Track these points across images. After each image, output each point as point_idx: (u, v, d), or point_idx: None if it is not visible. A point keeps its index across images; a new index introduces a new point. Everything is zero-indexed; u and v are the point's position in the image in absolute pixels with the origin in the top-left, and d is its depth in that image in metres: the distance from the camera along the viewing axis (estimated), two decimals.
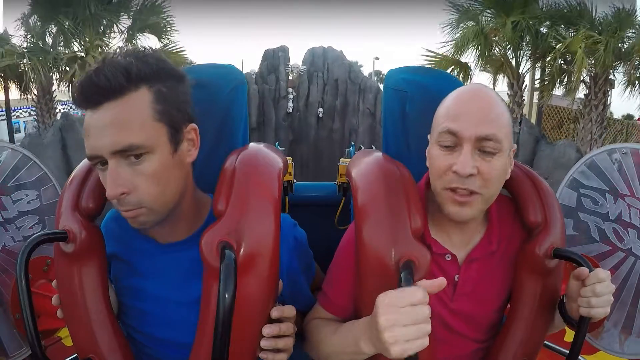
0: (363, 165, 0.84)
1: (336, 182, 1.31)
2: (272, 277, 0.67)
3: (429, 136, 0.78)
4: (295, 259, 0.81)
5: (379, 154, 0.92)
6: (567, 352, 0.74)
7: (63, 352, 1.11)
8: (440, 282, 0.57)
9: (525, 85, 6.40)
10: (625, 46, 5.85)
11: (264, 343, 0.65)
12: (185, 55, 7.43)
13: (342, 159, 1.24)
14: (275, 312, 0.67)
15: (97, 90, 0.61)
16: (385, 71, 1.07)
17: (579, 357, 0.74)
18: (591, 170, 1.19)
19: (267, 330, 0.65)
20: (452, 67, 6.79)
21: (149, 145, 0.63)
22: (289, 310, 0.69)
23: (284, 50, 8.80)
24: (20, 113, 10.19)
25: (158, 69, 0.66)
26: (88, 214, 0.74)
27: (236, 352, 0.63)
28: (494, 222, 0.79)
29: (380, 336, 0.56)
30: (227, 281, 0.58)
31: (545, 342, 0.87)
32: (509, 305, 0.83)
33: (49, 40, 6.90)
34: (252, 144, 0.87)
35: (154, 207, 0.66)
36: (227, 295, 0.58)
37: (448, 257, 0.79)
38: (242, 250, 0.64)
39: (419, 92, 0.92)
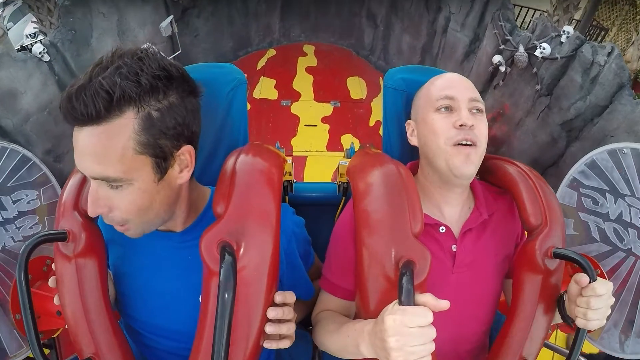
0: (363, 165, 0.84)
1: (336, 182, 1.31)
2: (271, 277, 0.67)
3: (408, 122, 0.89)
4: (293, 243, 0.82)
5: (379, 154, 0.92)
6: (567, 352, 0.74)
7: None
8: (445, 304, 0.57)
9: None
10: None
11: (268, 329, 0.65)
12: None
13: (341, 159, 1.24)
14: (278, 297, 0.67)
15: (76, 115, 0.56)
16: None
17: (579, 358, 0.74)
18: (591, 169, 1.19)
19: (272, 313, 0.65)
20: None
21: (127, 178, 0.60)
22: (290, 296, 0.69)
23: None
24: None
25: (153, 87, 0.59)
26: (88, 214, 0.74)
27: (237, 352, 0.63)
28: (480, 198, 0.86)
29: (388, 354, 0.57)
30: (227, 281, 0.58)
31: (545, 342, 0.87)
32: (508, 306, 0.84)
33: None
34: (252, 144, 0.87)
35: (140, 223, 0.66)
36: (227, 295, 0.58)
37: (442, 229, 0.82)
38: (241, 250, 0.64)
39: None
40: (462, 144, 0.77)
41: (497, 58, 3.56)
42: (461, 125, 0.77)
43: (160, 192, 0.65)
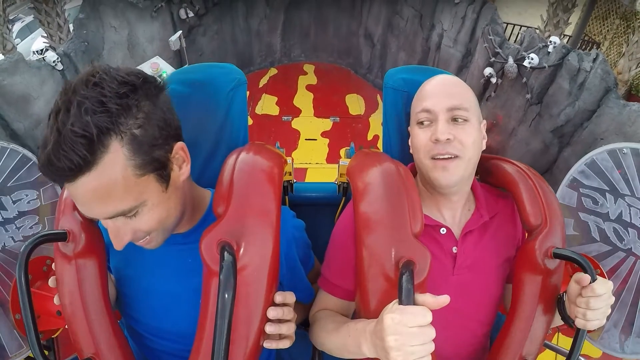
0: (363, 165, 0.84)
1: (336, 182, 1.31)
2: (272, 276, 0.67)
3: (409, 129, 0.87)
4: (293, 247, 0.82)
5: (379, 154, 0.92)
6: (567, 352, 0.74)
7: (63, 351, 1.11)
8: (445, 299, 0.57)
9: None
10: None
11: (268, 329, 0.66)
12: None
13: (341, 159, 1.24)
14: (278, 297, 0.68)
15: (63, 173, 0.53)
16: None
17: (579, 357, 0.74)
18: (591, 169, 1.19)
19: (272, 312, 0.65)
20: None
21: (139, 203, 0.60)
22: (290, 296, 0.69)
23: None
24: None
25: (124, 107, 0.55)
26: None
27: (237, 351, 0.63)
28: (481, 199, 0.86)
29: (387, 353, 0.57)
30: (227, 281, 0.58)
31: (545, 342, 0.87)
32: (506, 305, 0.84)
33: None
34: (252, 143, 0.87)
35: (162, 230, 0.67)
36: (227, 295, 0.58)
37: (443, 230, 0.82)
38: (241, 250, 0.64)
39: None
40: (439, 158, 0.76)
41: (488, 70, 3.63)
42: (436, 140, 0.76)
43: (171, 197, 0.65)
